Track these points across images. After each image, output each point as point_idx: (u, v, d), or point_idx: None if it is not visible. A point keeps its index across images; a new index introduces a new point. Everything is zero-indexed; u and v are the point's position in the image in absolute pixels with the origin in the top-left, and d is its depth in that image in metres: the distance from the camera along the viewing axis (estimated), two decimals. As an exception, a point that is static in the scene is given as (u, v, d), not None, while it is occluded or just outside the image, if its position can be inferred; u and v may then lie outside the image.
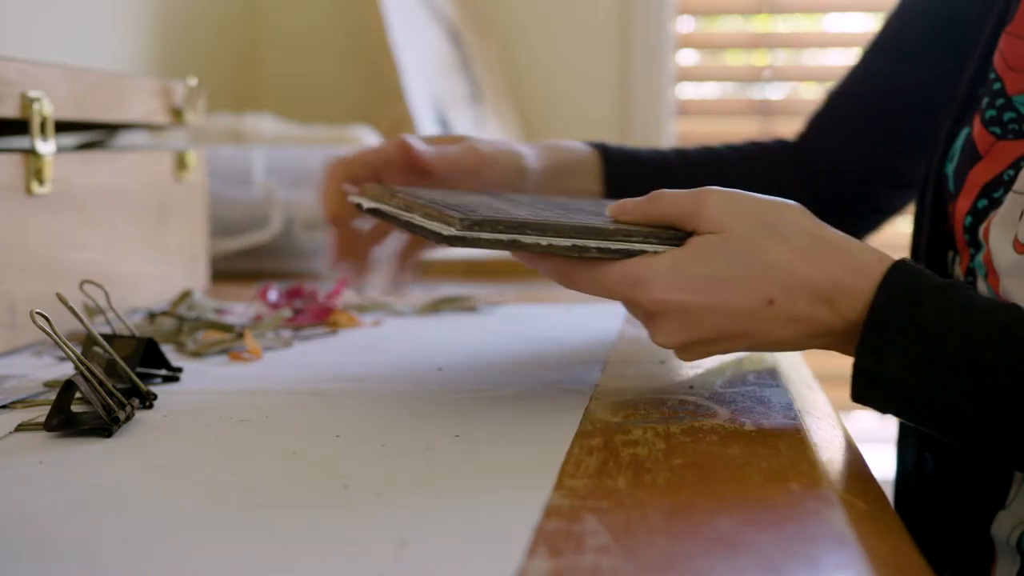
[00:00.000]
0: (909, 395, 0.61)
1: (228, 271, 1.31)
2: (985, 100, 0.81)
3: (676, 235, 0.65)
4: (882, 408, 0.63)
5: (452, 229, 0.64)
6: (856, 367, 0.62)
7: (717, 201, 0.65)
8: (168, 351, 0.87)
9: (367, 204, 0.78)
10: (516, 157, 0.89)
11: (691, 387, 0.74)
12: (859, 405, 0.63)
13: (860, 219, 1.03)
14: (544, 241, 0.64)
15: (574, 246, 0.64)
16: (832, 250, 0.64)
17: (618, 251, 0.64)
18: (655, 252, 0.64)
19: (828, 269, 0.63)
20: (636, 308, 0.66)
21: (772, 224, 0.64)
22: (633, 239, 0.64)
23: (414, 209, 0.69)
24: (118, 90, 1.01)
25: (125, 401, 0.66)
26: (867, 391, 0.63)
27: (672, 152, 1.01)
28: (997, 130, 0.79)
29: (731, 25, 2.28)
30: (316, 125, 1.63)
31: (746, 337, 0.65)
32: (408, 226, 0.69)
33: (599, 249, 0.64)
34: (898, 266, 0.63)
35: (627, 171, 0.95)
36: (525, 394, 0.73)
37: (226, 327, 0.90)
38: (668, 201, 0.66)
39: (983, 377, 0.59)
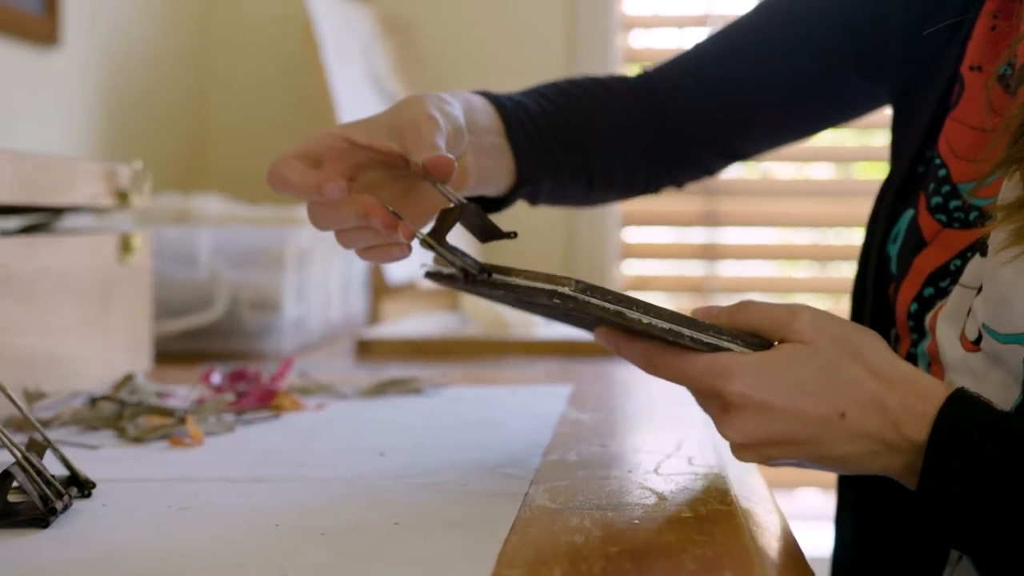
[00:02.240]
0: (972, 522, 0.64)
1: (173, 352, 1.31)
2: (931, 186, 0.82)
3: (761, 342, 0.69)
4: (945, 536, 0.66)
5: (566, 289, 0.67)
6: (920, 495, 0.66)
7: (809, 317, 0.69)
8: (109, 436, 0.87)
9: (447, 271, 0.79)
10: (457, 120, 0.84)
11: (630, 471, 0.75)
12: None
13: (685, 171, 1.04)
14: (646, 319, 0.67)
15: (671, 330, 0.68)
16: (904, 378, 0.68)
17: (708, 344, 0.68)
18: (741, 352, 0.68)
19: (899, 394, 0.67)
20: (713, 400, 0.69)
21: (855, 345, 0.68)
22: (723, 337, 0.68)
23: (514, 273, 0.72)
24: (63, 174, 1.01)
25: (63, 491, 0.65)
26: (930, 518, 0.65)
27: (547, 98, 0.99)
28: (943, 218, 0.81)
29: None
30: (263, 205, 1.63)
31: (812, 445, 0.67)
32: (511, 289, 0.71)
33: (692, 338, 0.68)
34: (959, 393, 0.67)
35: (519, 117, 0.94)
36: (466, 479, 0.73)
37: (168, 411, 0.90)
38: (756, 310, 0.70)
39: None
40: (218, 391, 1.00)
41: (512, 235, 0.76)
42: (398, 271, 1.75)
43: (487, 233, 0.78)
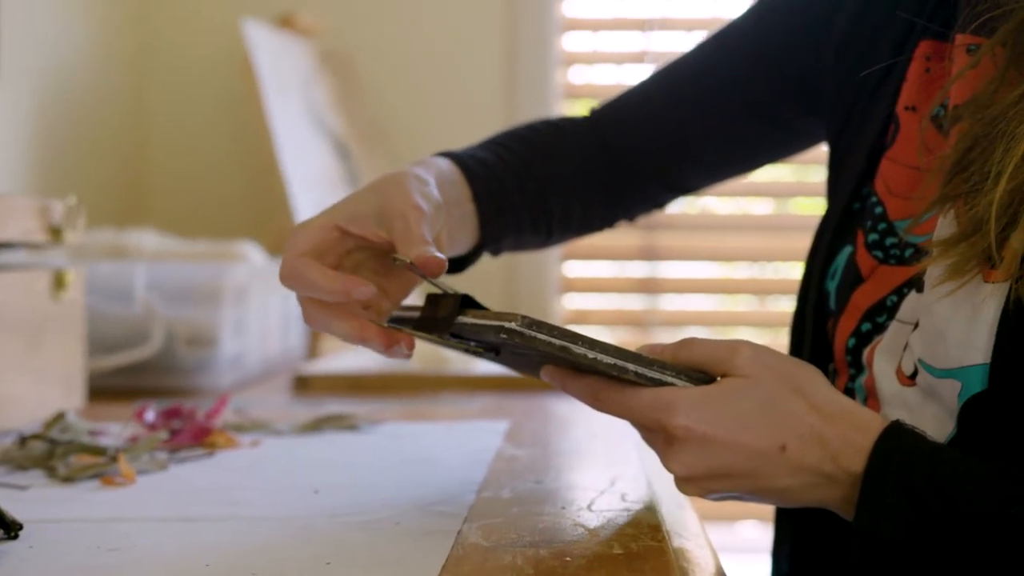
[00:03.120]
0: (906, 555, 0.65)
1: (107, 388, 1.29)
2: (868, 223, 0.84)
3: (704, 377, 0.70)
4: (880, 569, 0.67)
5: (513, 324, 0.68)
6: (856, 528, 0.67)
7: (750, 352, 0.70)
8: (38, 476, 0.86)
9: (396, 312, 0.82)
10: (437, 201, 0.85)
11: (563, 508, 0.75)
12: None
13: (636, 205, 1.06)
14: (591, 354, 0.68)
15: (615, 364, 0.69)
16: (843, 411, 0.69)
17: (652, 379, 0.69)
18: (684, 386, 0.69)
19: (838, 427, 0.68)
20: (658, 433, 0.70)
21: (795, 379, 0.69)
22: (667, 372, 0.69)
23: (467, 314, 0.74)
24: (-6, 210, 1.00)
25: (-11, 532, 0.65)
26: (865, 551, 0.66)
27: (506, 147, 1.00)
28: (879, 254, 0.82)
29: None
30: (200, 240, 1.63)
31: (753, 478, 0.69)
32: (459, 327, 0.73)
33: (636, 373, 0.69)
34: (895, 425, 0.68)
35: (485, 178, 0.95)
36: (400, 517, 0.73)
37: (99, 450, 0.89)
38: (699, 346, 0.71)
39: (970, 538, 0.64)
40: (152, 429, 1.00)
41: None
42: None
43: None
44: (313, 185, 1.81)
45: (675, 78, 1.02)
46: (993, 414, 0.68)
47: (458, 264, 0.94)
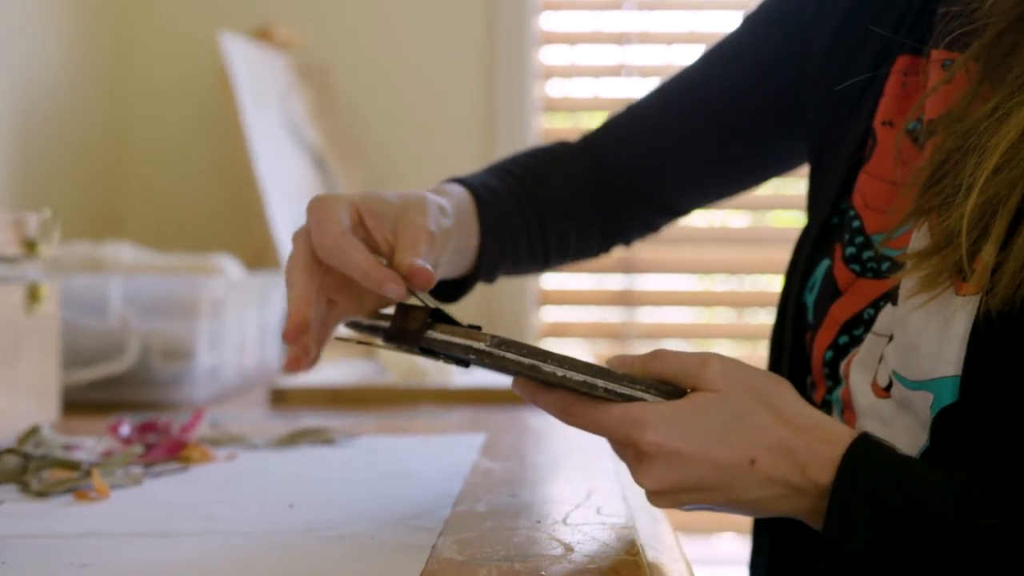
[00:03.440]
0: (874, 567, 0.65)
1: (83, 402, 1.29)
2: (846, 237, 0.84)
3: (674, 391, 0.71)
4: None
5: (482, 345, 0.69)
6: (823, 539, 0.67)
7: (719, 365, 0.70)
8: (12, 491, 0.85)
9: (367, 321, 0.83)
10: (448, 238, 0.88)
11: (539, 521, 0.75)
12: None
13: (632, 229, 1.08)
14: (560, 372, 0.69)
15: (585, 381, 0.69)
16: (812, 423, 0.69)
17: (622, 394, 0.70)
18: (654, 401, 0.69)
19: (807, 439, 0.68)
20: (628, 448, 0.70)
21: (765, 392, 0.70)
22: (637, 386, 0.70)
23: (437, 329, 0.74)
24: (-32, 223, 1.00)
25: (-40, 548, 0.64)
26: (833, 563, 0.67)
27: (511, 175, 1.02)
28: (857, 268, 0.83)
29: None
30: (177, 253, 1.62)
31: (724, 491, 0.69)
32: (429, 342, 0.74)
33: (606, 389, 0.69)
34: (863, 438, 0.68)
35: (494, 209, 0.97)
36: (375, 531, 0.73)
37: (73, 464, 0.89)
38: (669, 359, 0.71)
39: (938, 549, 0.64)
40: (127, 443, 0.99)
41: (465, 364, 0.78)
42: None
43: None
44: (290, 198, 1.81)
45: (669, 93, 1.04)
46: (964, 426, 0.69)
47: (454, 292, 0.95)
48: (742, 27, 1.02)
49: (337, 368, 1.58)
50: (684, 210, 1.07)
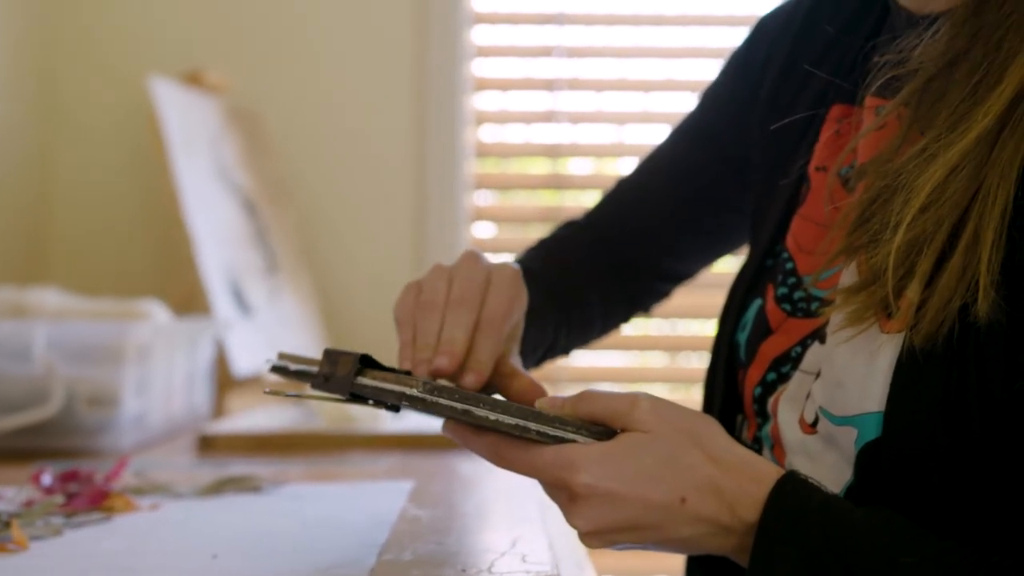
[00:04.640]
0: None
1: (6, 450, 1.27)
2: (779, 277, 0.86)
3: (605, 431, 0.71)
4: None
5: (414, 391, 0.70)
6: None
7: (648, 405, 0.71)
8: (-73, 544, 0.83)
9: (294, 367, 0.84)
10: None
11: (464, 570, 0.74)
12: None
13: (645, 298, 1.12)
14: (493, 416, 0.70)
15: (517, 424, 0.70)
16: (740, 462, 0.70)
17: (554, 436, 0.70)
18: (585, 443, 0.70)
19: (735, 478, 0.69)
20: (560, 490, 0.71)
21: (694, 432, 0.70)
22: (568, 428, 0.71)
23: (367, 375, 0.75)
24: None
25: None
26: None
27: (548, 256, 1.06)
28: (788, 307, 0.85)
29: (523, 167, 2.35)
30: (103, 298, 1.60)
31: (655, 530, 0.69)
32: (360, 388, 0.75)
33: (538, 432, 0.70)
34: (789, 476, 0.69)
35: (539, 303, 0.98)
36: (299, 582, 0.72)
37: (-8, 516, 0.87)
38: (599, 400, 0.72)
39: None
40: (48, 492, 0.98)
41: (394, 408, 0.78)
42: (245, 364, 1.73)
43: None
44: (220, 242, 1.80)
45: (647, 170, 1.09)
46: (887, 461, 0.70)
47: None
48: (705, 94, 1.07)
49: (267, 413, 1.56)
50: (684, 276, 1.12)
